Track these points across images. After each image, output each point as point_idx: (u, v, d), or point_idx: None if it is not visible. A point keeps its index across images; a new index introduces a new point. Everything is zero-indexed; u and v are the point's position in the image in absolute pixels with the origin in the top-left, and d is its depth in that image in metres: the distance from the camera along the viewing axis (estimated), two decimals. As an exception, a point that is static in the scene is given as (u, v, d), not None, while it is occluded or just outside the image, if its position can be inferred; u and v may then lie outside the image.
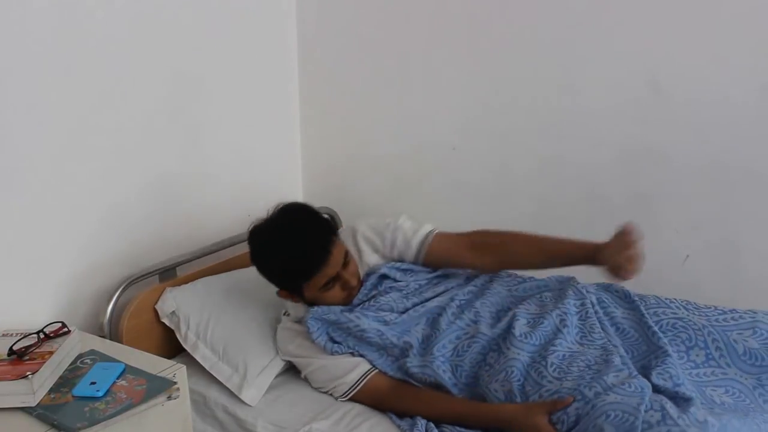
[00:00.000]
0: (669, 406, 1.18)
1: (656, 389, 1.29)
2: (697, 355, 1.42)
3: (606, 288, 1.62)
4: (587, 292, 1.57)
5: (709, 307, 1.50)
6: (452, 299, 1.61)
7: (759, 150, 1.74)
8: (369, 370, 1.57)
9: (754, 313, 1.46)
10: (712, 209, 1.76)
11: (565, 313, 1.49)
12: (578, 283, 1.61)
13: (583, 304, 1.53)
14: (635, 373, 1.32)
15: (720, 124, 1.77)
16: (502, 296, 1.62)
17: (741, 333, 1.42)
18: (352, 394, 1.57)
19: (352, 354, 1.59)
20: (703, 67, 1.75)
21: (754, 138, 1.73)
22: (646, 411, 1.17)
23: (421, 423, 1.45)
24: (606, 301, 1.56)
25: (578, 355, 1.40)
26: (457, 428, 1.43)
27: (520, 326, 1.47)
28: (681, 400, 1.22)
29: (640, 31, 1.79)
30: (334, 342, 1.60)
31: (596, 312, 1.52)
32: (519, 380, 1.38)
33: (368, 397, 1.57)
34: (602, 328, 1.48)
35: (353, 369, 1.58)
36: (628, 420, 1.15)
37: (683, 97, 1.78)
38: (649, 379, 1.31)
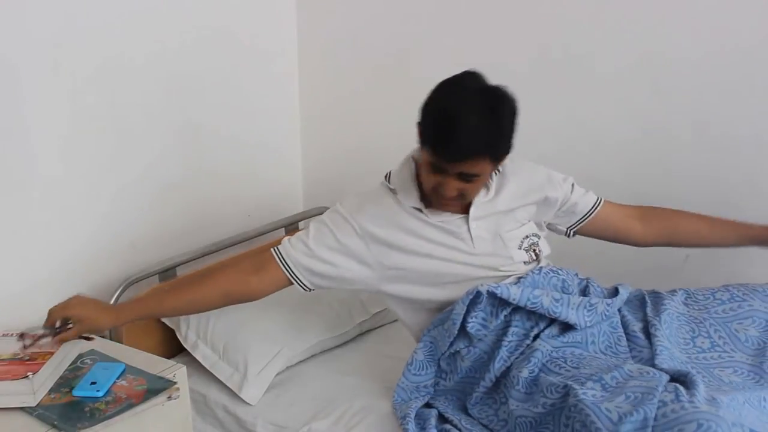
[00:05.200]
0: (681, 388, 1.22)
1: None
2: (702, 342, 1.49)
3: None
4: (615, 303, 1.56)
5: (707, 297, 1.55)
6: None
7: (759, 150, 1.74)
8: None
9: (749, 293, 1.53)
10: (712, 209, 1.75)
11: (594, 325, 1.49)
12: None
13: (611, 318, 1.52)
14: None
15: (721, 125, 1.77)
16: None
17: (741, 323, 1.49)
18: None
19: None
20: (704, 67, 1.75)
21: (755, 139, 1.74)
22: (661, 392, 1.21)
23: (421, 421, 1.44)
24: (627, 314, 1.55)
25: (600, 358, 1.42)
26: (462, 422, 1.42)
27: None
28: (690, 384, 1.26)
29: (644, 30, 1.80)
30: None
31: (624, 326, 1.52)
32: (533, 370, 1.37)
33: None
34: (627, 340, 1.49)
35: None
36: (645, 398, 1.19)
37: (683, 97, 1.78)
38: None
